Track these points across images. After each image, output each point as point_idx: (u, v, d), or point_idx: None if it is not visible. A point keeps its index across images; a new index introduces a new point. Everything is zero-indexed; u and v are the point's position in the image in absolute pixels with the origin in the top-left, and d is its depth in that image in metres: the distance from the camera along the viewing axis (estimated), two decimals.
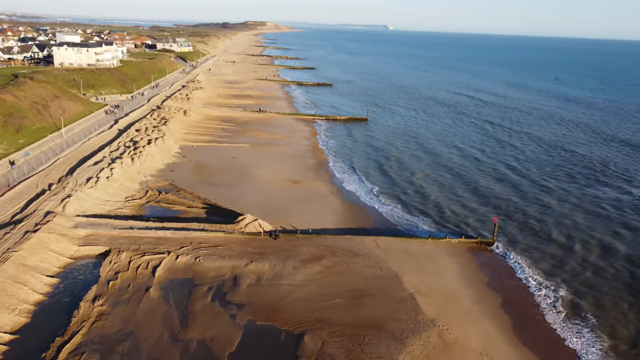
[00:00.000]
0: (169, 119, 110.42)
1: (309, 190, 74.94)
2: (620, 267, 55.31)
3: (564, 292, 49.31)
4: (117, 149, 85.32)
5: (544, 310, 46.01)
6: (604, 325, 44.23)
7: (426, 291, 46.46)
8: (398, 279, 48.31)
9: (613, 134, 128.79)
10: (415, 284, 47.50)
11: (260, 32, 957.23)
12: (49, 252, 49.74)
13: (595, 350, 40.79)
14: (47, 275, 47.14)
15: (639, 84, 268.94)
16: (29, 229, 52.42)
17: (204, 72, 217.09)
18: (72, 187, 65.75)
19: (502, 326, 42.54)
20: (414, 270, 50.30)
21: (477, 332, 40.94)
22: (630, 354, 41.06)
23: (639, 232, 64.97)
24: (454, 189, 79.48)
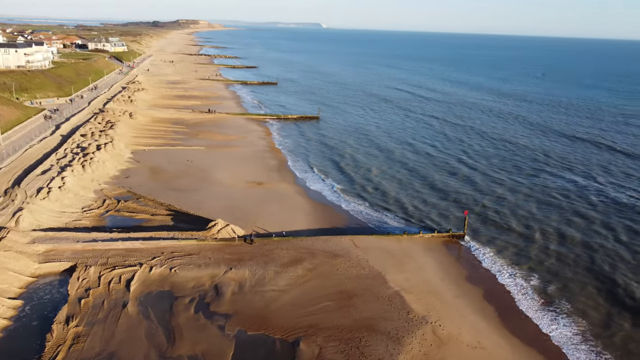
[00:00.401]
0: (115, 123, 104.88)
1: (275, 192, 73.38)
2: (579, 253, 57.79)
3: (535, 281, 50.80)
4: (64, 156, 79.86)
5: (521, 299, 47.23)
6: (576, 310, 45.95)
7: (411, 288, 46.47)
8: (382, 277, 48.04)
9: (548, 125, 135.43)
10: (399, 282, 47.41)
11: (193, 30, 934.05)
12: (7, 272, 45.48)
13: (571, 335, 42.15)
14: (9, 297, 43.06)
15: (573, 79, 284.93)
16: None
17: (143, 72, 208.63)
18: (22, 200, 60.71)
19: (488, 318, 43.25)
20: (395, 268, 50.23)
21: (467, 325, 41.34)
22: (604, 335, 42.83)
23: (590, 219, 68.32)
24: (413, 185, 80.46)
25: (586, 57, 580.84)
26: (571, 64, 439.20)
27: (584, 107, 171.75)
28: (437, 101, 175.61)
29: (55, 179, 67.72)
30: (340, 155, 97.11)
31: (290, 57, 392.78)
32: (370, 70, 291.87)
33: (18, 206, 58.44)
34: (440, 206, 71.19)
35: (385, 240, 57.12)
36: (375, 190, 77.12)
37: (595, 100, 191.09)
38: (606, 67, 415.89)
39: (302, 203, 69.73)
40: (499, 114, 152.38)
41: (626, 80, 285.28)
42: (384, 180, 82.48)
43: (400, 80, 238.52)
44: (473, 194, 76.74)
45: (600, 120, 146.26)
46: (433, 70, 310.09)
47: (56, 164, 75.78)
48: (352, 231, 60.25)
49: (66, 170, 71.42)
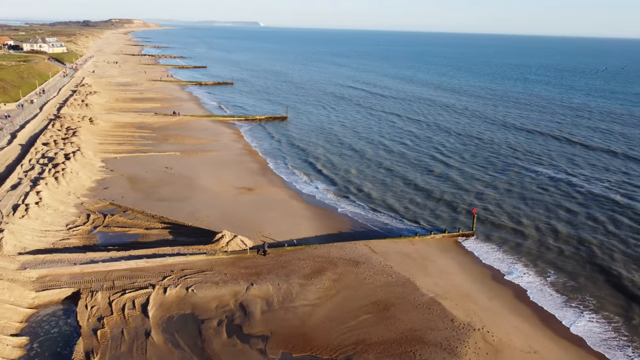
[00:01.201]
0: (76, 129, 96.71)
1: (267, 197, 69.65)
2: (583, 246, 58.38)
3: (552, 278, 50.43)
4: (31, 168, 72.18)
5: (547, 297, 46.67)
6: (599, 305, 45.92)
7: (444, 293, 44.70)
8: (412, 283, 45.96)
9: (506, 120, 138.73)
10: (430, 287, 45.52)
11: (128, 30, 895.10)
12: (3, 305, 39.56)
13: (601, 332, 41.88)
14: (11, 334, 37.41)
15: (522, 76, 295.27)
16: None
17: (88, 74, 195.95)
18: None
19: (529, 319, 42.23)
20: (421, 273, 48.33)
21: (512, 329, 40.06)
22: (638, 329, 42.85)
23: (583, 213, 69.52)
24: (397, 184, 78.75)
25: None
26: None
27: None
28: (393, 98, 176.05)
29: (29, 194, 60.72)
30: (319, 157, 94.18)
31: (235, 56, 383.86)
32: (320, 69, 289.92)
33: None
34: (430, 205, 69.93)
35: (399, 243, 55.15)
36: (364, 192, 74.94)
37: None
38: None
39: (299, 208, 66.50)
40: (458, 110, 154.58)
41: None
42: (369, 180, 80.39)
43: (351, 78, 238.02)
44: (458, 191, 76.06)
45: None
46: (378, 67, 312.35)
47: (24, 177, 68.24)
48: (361, 235, 57.87)
49: (39, 184, 64.34)
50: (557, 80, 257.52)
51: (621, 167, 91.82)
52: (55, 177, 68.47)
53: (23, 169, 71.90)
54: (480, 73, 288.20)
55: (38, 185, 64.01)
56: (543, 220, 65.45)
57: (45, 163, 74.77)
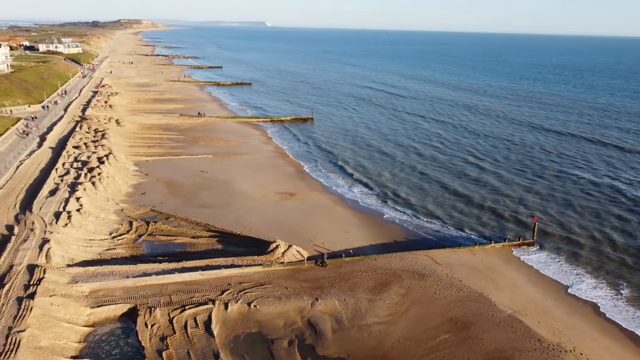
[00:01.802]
0: (104, 132, 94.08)
1: (310, 203, 66.65)
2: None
3: (625, 291, 47.31)
4: (66, 173, 69.45)
5: (623, 312, 43.47)
6: None
7: (522, 309, 41.56)
8: (486, 299, 42.84)
9: (533, 121, 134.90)
10: (506, 302, 42.40)
11: (137, 30, 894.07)
12: (60, 324, 36.70)
13: None
14: (71, 357, 34.60)
15: (540, 75, 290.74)
16: (21, 295, 38.62)
17: (106, 75, 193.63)
18: (42, 228, 50.98)
19: (616, 337, 39.08)
20: (491, 286, 45.22)
21: (604, 350, 36.90)
22: None
23: (636, 220, 66.13)
24: (435, 188, 75.36)
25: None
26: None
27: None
28: (413, 98, 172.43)
29: (69, 200, 57.97)
30: (350, 160, 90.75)
31: (246, 56, 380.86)
32: (333, 69, 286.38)
33: (41, 237, 48.82)
34: (473, 212, 66.40)
35: (459, 253, 52.03)
36: (402, 197, 71.58)
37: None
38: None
39: (345, 214, 63.45)
40: (482, 111, 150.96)
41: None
42: (406, 185, 76.93)
43: (367, 78, 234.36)
44: (500, 197, 72.48)
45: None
46: (391, 66, 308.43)
47: (61, 182, 65.49)
48: (416, 244, 54.75)
49: (77, 190, 61.56)
50: (577, 79, 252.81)
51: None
52: (92, 182, 65.70)
53: (58, 173, 69.17)
54: (496, 72, 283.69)
55: (77, 191, 61.22)
56: (596, 227, 62.04)
57: (79, 167, 72.04)
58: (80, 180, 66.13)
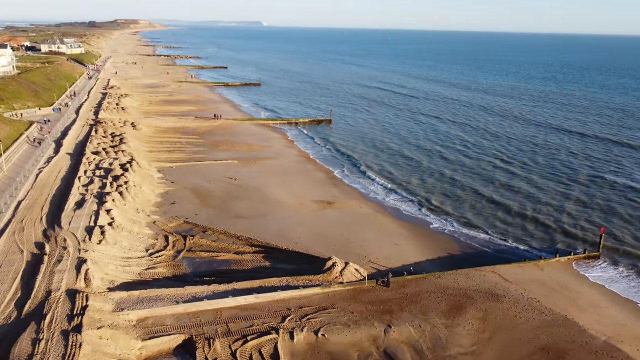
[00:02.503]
0: (122, 136, 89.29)
1: (351, 212, 62.31)
2: None
3: None
4: (90, 181, 64.72)
5: None
6: None
7: (615, 335, 37.43)
8: (572, 322, 38.67)
9: (554, 122, 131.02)
10: (595, 327, 38.26)
11: (135, 30, 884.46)
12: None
13: None
14: None
15: (549, 74, 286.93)
16: (65, 327, 34.06)
17: (112, 75, 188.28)
18: (75, 246, 46.37)
19: None
20: (574, 307, 41.06)
21: None
22: None
23: None
24: (470, 197, 71.01)
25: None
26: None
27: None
28: (425, 99, 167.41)
29: (99, 213, 53.34)
30: (378, 165, 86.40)
31: (246, 56, 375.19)
32: (339, 69, 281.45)
33: (76, 256, 44.21)
34: (516, 221, 62.12)
35: (526, 269, 47.87)
36: (442, 205, 67.42)
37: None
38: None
39: (391, 224, 59.15)
40: (496, 111, 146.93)
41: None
42: (441, 192, 72.73)
43: (374, 79, 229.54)
44: (539, 205, 68.51)
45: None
46: (396, 66, 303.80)
47: (86, 192, 60.77)
48: (476, 259, 50.51)
49: (106, 200, 56.93)
50: (587, 78, 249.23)
51: None
52: (120, 191, 61.03)
53: (81, 182, 64.42)
54: (504, 72, 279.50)
55: (105, 202, 56.58)
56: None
57: (102, 175, 67.33)
58: (107, 189, 61.48)
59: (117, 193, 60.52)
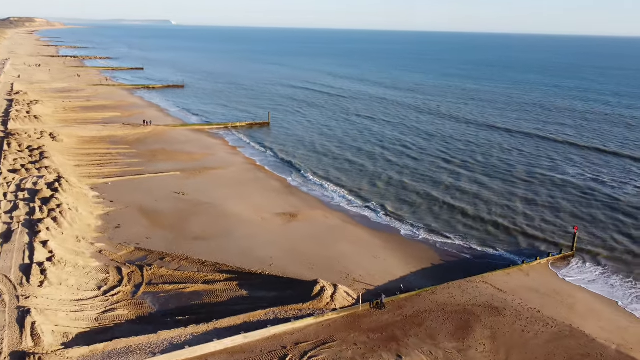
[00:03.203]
0: (42, 149, 77.90)
1: (319, 224, 57.90)
2: None
3: None
4: (15, 207, 54.59)
5: None
6: None
7: (622, 342, 36.37)
8: (578, 332, 37.14)
9: (478, 119, 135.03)
10: (602, 335, 37.00)
11: (31, 29, 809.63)
12: None
13: None
14: None
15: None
16: None
17: (14, 79, 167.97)
18: (12, 292, 37.74)
19: None
20: (574, 315, 39.68)
21: None
22: None
23: None
24: (429, 199, 69.60)
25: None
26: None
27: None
28: (354, 99, 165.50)
29: (34, 246, 44.52)
30: (325, 170, 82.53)
31: (162, 56, 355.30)
32: (262, 69, 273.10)
33: (14, 305, 35.80)
34: (477, 225, 61.24)
35: (514, 275, 46.27)
36: (401, 210, 65.05)
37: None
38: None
39: (364, 235, 55.47)
40: (427, 110, 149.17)
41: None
42: (395, 197, 70.13)
43: (299, 79, 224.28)
44: (492, 206, 68.96)
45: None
46: (318, 66, 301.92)
47: (11, 220, 50.98)
48: (458, 267, 48.22)
49: (39, 229, 47.93)
50: (502, 75, 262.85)
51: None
52: (53, 217, 51.91)
53: (3, 208, 54.20)
54: (429, 71, 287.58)
55: (38, 232, 47.60)
56: (613, 231, 59.62)
57: (28, 198, 57.29)
58: (37, 216, 52.07)
59: (51, 219, 51.41)
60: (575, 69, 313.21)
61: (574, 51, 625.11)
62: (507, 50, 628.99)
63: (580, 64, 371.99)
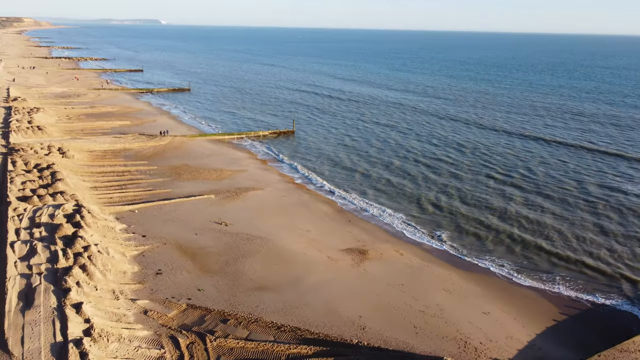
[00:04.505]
0: (52, 169, 66.69)
1: (396, 264, 47.84)
2: None
3: None
4: (32, 251, 43.63)
5: None
6: None
7: None
8: None
9: (496, 125, 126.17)
10: None
11: (20, 29, 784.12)
12: None
13: None
14: None
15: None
16: None
17: (9, 83, 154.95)
18: None
19: None
20: None
21: None
22: None
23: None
24: (498, 226, 60.86)
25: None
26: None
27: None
28: (368, 104, 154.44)
29: (65, 313, 33.82)
30: (373, 188, 72.68)
31: (157, 56, 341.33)
32: (266, 71, 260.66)
33: None
34: (569, 258, 52.81)
35: None
36: (476, 238, 56.09)
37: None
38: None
39: (456, 279, 45.49)
40: (442, 114, 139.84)
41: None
42: (459, 219, 61.25)
43: (304, 82, 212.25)
44: (570, 228, 59.91)
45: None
46: (321, 67, 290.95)
47: (30, 271, 40.13)
48: (599, 329, 38.69)
49: (69, 287, 37.22)
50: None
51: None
52: (82, 265, 41.17)
53: (18, 253, 43.25)
54: (432, 71, 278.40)
55: (67, 289, 36.91)
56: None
57: (46, 237, 46.33)
58: (61, 263, 41.32)
59: (79, 268, 40.70)
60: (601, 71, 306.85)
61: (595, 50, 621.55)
62: (519, 48, 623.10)
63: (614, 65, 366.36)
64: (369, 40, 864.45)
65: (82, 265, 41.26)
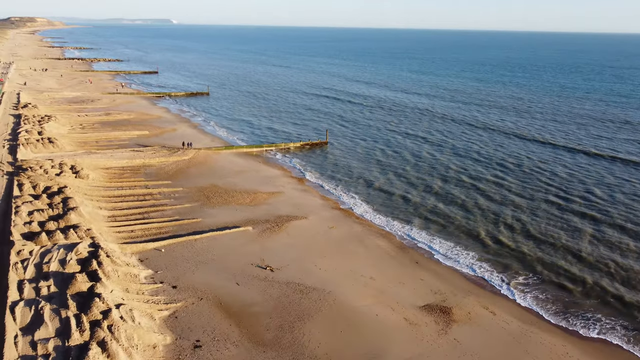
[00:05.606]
0: (65, 194, 57.13)
1: (495, 331, 37.54)
2: None
3: None
4: (38, 319, 34.05)
5: None
6: None
7: None
8: None
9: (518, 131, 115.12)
10: None
11: (33, 29, 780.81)
12: None
13: None
14: None
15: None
16: None
17: (21, 87, 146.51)
18: None
19: None
20: None
21: None
22: None
23: None
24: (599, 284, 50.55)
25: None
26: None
27: None
28: (396, 111, 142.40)
29: None
30: (419, 213, 62.59)
31: (170, 57, 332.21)
32: (279, 72, 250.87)
33: None
34: None
35: None
36: (586, 298, 45.83)
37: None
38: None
39: (570, 351, 35.45)
40: (477, 124, 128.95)
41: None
42: (549, 265, 50.99)
43: (322, 87, 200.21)
44: None
45: None
46: (334, 69, 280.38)
47: (36, 350, 30.54)
48: None
49: None
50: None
51: None
52: (100, 341, 31.47)
53: (20, 322, 33.66)
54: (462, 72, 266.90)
55: None
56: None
57: (55, 294, 36.70)
58: (74, 339, 31.64)
59: (97, 346, 31.01)
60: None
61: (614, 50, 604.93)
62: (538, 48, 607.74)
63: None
64: (378, 39, 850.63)
65: (100, 341, 31.54)
